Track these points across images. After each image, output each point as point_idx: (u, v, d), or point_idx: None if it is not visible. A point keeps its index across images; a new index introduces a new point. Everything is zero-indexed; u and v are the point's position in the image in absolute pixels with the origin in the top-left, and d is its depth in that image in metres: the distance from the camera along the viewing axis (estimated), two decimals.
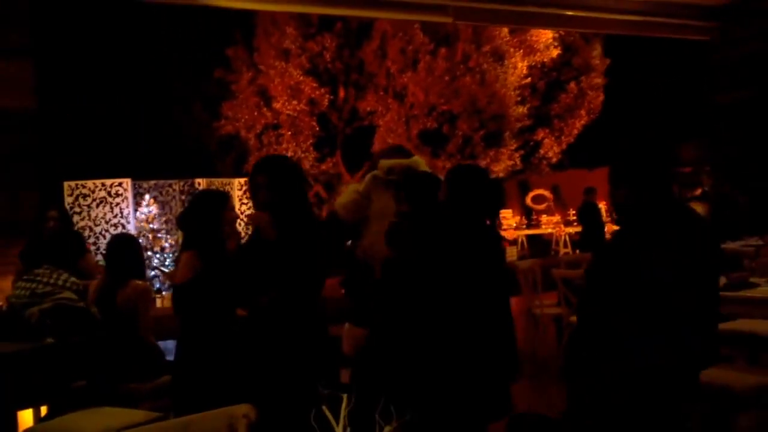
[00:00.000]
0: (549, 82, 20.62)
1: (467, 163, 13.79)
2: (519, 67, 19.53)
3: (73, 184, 13.56)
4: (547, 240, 22.67)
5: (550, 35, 20.08)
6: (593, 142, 20.24)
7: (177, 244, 13.45)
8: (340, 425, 2.01)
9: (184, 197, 14.13)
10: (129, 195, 13.76)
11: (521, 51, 19.74)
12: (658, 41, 17.38)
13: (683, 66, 19.31)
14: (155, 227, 13.76)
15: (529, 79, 19.85)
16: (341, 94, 18.30)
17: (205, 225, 4.82)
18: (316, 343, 4.52)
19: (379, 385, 4.04)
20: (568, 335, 7.98)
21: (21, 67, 10.24)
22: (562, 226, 22.39)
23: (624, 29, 15.25)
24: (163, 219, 14.00)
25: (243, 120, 18.17)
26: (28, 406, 5.65)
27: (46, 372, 5.35)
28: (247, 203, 13.78)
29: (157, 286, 13.27)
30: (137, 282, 5.92)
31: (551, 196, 24.06)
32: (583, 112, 20.89)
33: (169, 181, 14.48)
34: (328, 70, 17.97)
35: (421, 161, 4.64)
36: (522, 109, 19.40)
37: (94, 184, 13.64)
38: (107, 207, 13.65)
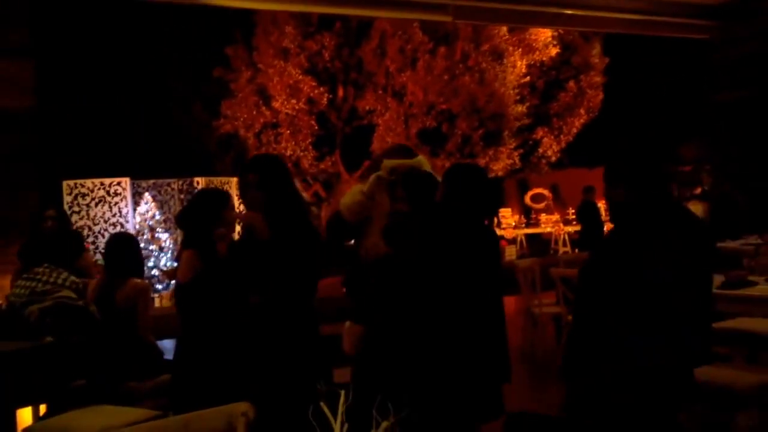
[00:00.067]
0: (548, 81, 20.62)
1: (465, 162, 13.79)
2: (518, 65, 19.53)
3: (72, 184, 13.55)
4: (547, 239, 22.69)
5: (549, 34, 20.08)
6: (592, 141, 20.24)
7: (176, 243, 13.45)
8: (338, 422, 2.01)
9: (183, 196, 14.13)
10: (128, 194, 13.75)
11: (520, 50, 19.74)
12: (658, 40, 17.40)
13: (683, 65, 19.32)
14: (154, 226, 13.76)
15: (528, 77, 19.86)
16: (340, 93, 18.30)
17: (205, 224, 4.83)
18: (311, 341, 4.54)
19: (377, 382, 4.04)
20: (566, 334, 7.98)
21: (21, 67, 10.25)
22: (562, 225, 22.40)
23: (623, 28, 15.26)
24: (162, 218, 13.99)
25: (242, 119, 18.17)
26: (27, 404, 5.66)
27: (46, 370, 5.36)
28: None
29: (156, 285, 13.27)
30: (136, 280, 5.92)
31: (550, 195, 24.08)
32: (582, 111, 20.89)
33: (168, 180, 14.48)
34: (327, 69, 17.97)
35: (424, 161, 4.63)
36: (521, 108, 19.41)
37: (93, 184, 13.64)
38: (106, 206, 13.65)
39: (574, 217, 20.54)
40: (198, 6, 12.94)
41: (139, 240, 9.06)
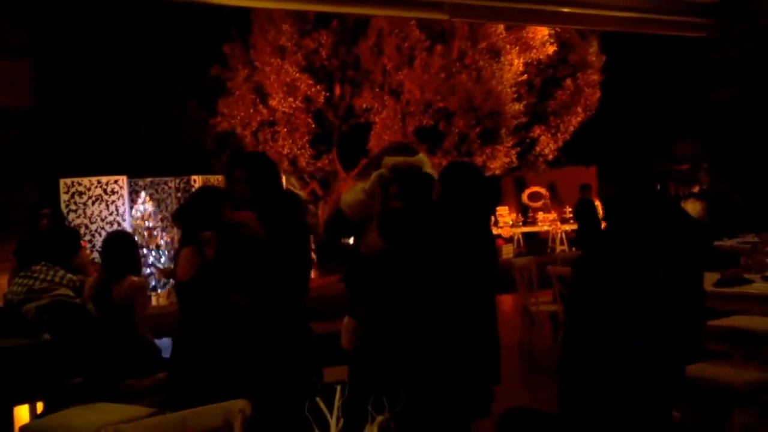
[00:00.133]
0: (545, 79, 20.60)
1: (462, 160, 13.79)
2: (515, 64, 19.51)
3: (69, 182, 13.56)
4: (544, 237, 22.71)
5: (546, 32, 20.06)
6: (590, 139, 20.24)
7: (173, 241, 13.46)
8: (334, 417, 2.02)
9: (179, 194, 14.13)
10: (125, 192, 13.76)
11: (517, 48, 19.71)
12: (655, 38, 17.40)
13: (680, 63, 19.31)
14: (151, 225, 13.76)
15: (525, 76, 19.83)
16: (337, 91, 18.28)
17: (204, 220, 4.84)
18: (305, 338, 4.56)
19: (373, 377, 4.05)
20: (563, 332, 8.00)
21: (19, 66, 10.25)
22: (559, 223, 22.42)
23: (620, 26, 15.26)
24: (159, 216, 14.00)
25: (239, 117, 18.14)
26: (24, 402, 5.65)
27: (43, 368, 5.36)
28: None
29: (153, 283, 13.28)
30: (133, 278, 5.92)
31: (547, 194, 24.10)
32: (579, 109, 20.87)
33: (164, 179, 14.49)
34: (324, 67, 17.95)
35: (425, 159, 4.64)
36: (518, 106, 19.39)
37: (90, 182, 13.65)
38: (103, 204, 13.66)
39: (571, 215, 20.55)
40: (195, 4, 12.93)
41: (136, 238, 9.06)
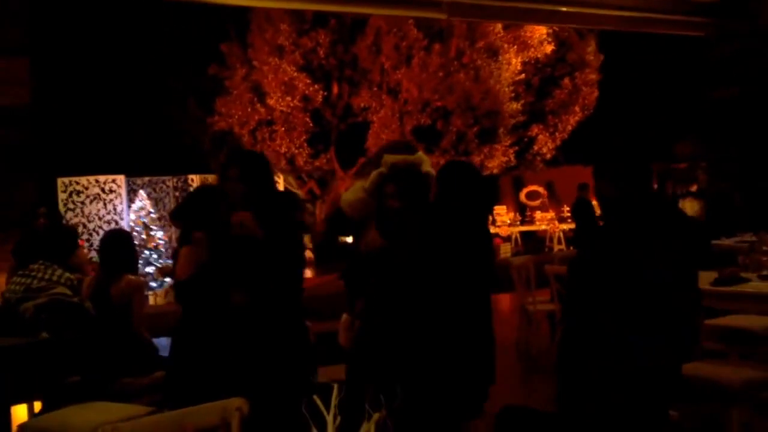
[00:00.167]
0: (543, 78, 20.61)
1: (459, 159, 13.80)
2: (513, 63, 19.51)
3: (66, 181, 13.56)
4: (541, 236, 22.72)
5: (544, 31, 20.06)
6: (588, 139, 20.22)
7: (171, 240, 13.46)
8: (331, 415, 2.02)
9: (177, 194, 14.14)
10: (122, 191, 13.77)
11: (515, 47, 19.71)
12: (653, 37, 17.39)
13: (678, 62, 19.31)
14: (149, 223, 13.76)
15: (523, 75, 19.84)
16: (335, 90, 18.29)
17: (203, 218, 4.84)
18: (301, 336, 4.57)
19: (369, 374, 4.06)
20: (561, 331, 8.00)
21: (17, 64, 10.24)
22: (556, 222, 22.43)
23: (619, 25, 15.24)
24: (157, 215, 14.00)
25: (237, 116, 18.15)
26: (22, 401, 5.66)
27: (41, 367, 5.37)
28: None
29: (151, 283, 13.27)
30: (131, 277, 5.93)
31: (545, 193, 24.11)
32: (577, 108, 20.89)
33: (162, 178, 14.50)
34: (322, 66, 17.96)
35: (425, 157, 4.65)
36: (516, 105, 19.40)
37: (88, 181, 13.65)
38: (101, 203, 13.66)
39: (569, 214, 20.56)
40: (193, 3, 12.92)
41: (133, 237, 9.07)
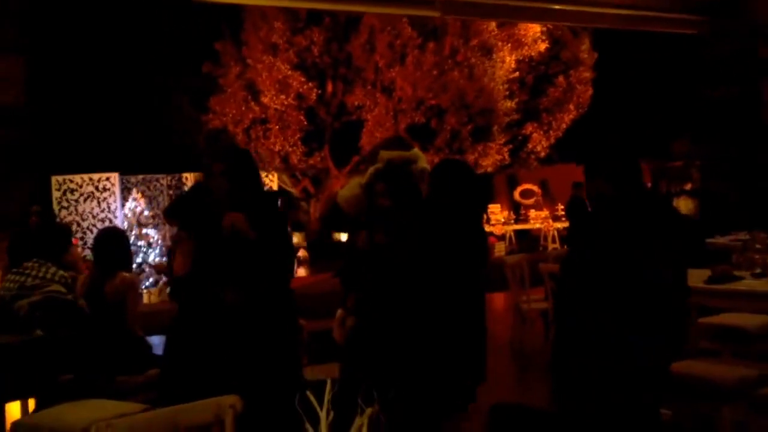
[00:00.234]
0: (537, 76, 20.62)
1: (453, 158, 13.80)
2: (507, 61, 19.52)
3: (60, 179, 13.55)
4: (536, 235, 22.72)
5: (538, 29, 20.06)
6: (582, 137, 20.24)
7: (165, 238, 13.45)
8: (324, 410, 2.03)
9: (171, 192, 14.14)
10: (116, 189, 13.76)
11: (509, 45, 19.72)
12: (648, 35, 17.40)
13: (673, 60, 19.31)
14: (143, 222, 13.75)
15: (517, 73, 19.85)
16: (329, 89, 18.29)
17: (201, 216, 4.85)
18: (294, 333, 4.59)
19: (363, 369, 4.07)
20: (555, 330, 8.01)
21: (11, 63, 10.22)
22: (551, 221, 22.42)
23: (613, 23, 15.24)
24: (151, 213, 13.99)
25: (231, 114, 18.15)
26: (16, 398, 5.65)
27: (35, 365, 5.36)
28: None
29: (145, 282, 13.27)
30: (125, 274, 5.93)
31: (539, 191, 24.10)
32: (571, 107, 20.90)
33: (156, 176, 14.49)
34: (316, 64, 17.96)
35: (420, 154, 4.66)
36: (510, 104, 19.42)
37: (82, 179, 13.64)
38: (95, 202, 13.65)
39: (563, 212, 20.57)
40: (188, 1, 12.91)
41: (127, 235, 9.06)
